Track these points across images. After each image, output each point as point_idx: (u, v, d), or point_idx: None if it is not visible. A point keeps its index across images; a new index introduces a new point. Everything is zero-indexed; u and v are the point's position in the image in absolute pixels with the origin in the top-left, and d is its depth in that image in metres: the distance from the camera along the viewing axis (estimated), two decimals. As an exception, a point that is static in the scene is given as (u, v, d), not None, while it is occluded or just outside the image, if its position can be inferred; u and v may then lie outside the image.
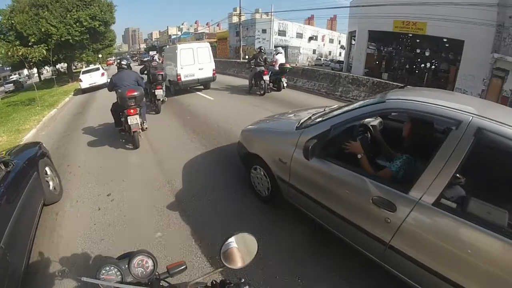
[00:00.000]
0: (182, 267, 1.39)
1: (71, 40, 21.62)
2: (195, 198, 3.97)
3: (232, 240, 1.30)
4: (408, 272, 2.06)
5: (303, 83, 11.94)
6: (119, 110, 6.30)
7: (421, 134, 2.34)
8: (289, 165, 2.94)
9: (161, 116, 8.70)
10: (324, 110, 3.48)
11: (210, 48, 12.38)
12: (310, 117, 3.27)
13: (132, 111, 5.85)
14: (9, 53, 13.76)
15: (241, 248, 1.31)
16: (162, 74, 9.13)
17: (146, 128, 6.77)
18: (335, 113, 2.81)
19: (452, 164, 1.82)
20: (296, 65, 30.73)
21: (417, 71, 28.84)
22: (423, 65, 28.16)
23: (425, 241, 1.91)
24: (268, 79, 10.20)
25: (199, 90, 12.58)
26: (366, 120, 3.14)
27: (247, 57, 37.76)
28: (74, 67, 60.47)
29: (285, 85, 10.66)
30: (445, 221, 1.82)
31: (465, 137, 1.80)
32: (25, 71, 46.30)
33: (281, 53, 11.30)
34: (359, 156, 2.46)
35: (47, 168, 4.24)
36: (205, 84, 12.65)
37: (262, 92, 10.32)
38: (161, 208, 3.79)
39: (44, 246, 3.29)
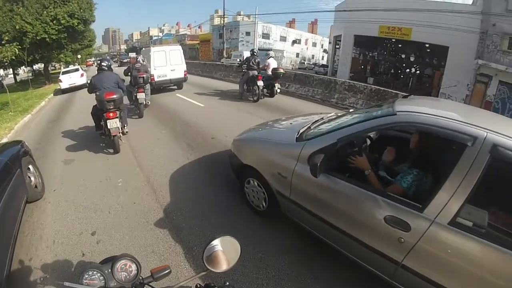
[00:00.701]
0: (167, 271, 1.38)
1: (47, 39, 20.37)
2: (187, 212, 3.74)
3: (217, 243, 1.29)
4: (422, 291, 1.99)
5: (296, 88, 11.83)
6: (99, 113, 6.11)
7: (430, 148, 2.28)
8: (290, 180, 2.78)
9: (144, 121, 8.45)
10: (323, 118, 3.41)
11: (181, 50, 13.44)
12: (309, 127, 3.17)
13: (111, 114, 5.73)
14: None
15: (226, 251, 1.30)
16: (143, 77, 8.81)
17: (126, 132, 6.59)
18: (339, 123, 2.73)
19: (468, 182, 1.77)
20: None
21: (402, 76, 29.47)
22: (408, 70, 28.76)
23: (440, 261, 1.86)
24: (262, 84, 9.90)
25: (173, 90, 13.47)
26: None
27: (225, 55, 38.30)
28: (52, 68, 58.81)
29: (278, 90, 10.43)
30: (462, 241, 1.77)
31: (481, 154, 1.75)
32: (0, 71, 44.22)
33: (273, 57, 11.11)
34: (366, 172, 2.35)
35: (30, 166, 4.28)
36: (177, 84, 13.49)
37: (255, 98, 10.05)
38: (151, 222, 3.58)
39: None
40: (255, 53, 10.53)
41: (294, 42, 52.24)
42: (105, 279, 1.25)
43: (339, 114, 3.40)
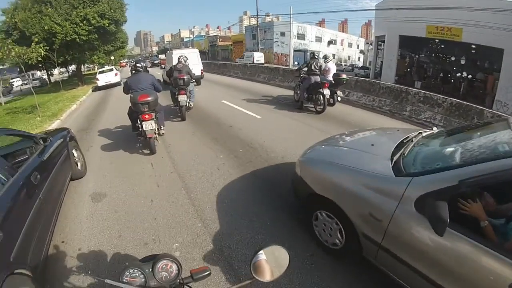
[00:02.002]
0: (206, 273, 1.35)
1: (78, 40, 19.73)
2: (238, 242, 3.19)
3: (262, 252, 1.24)
4: None
5: (358, 97, 10.28)
6: (134, 115, 6.14)
7: None
8: (387, 224, 2.24)
9: (186, 126, 8.20)
10: (411, 140, 2.87)
11: (198, 53, 16.69)
12: (403, 153, 2.61)
13: (146, 116, 5.78)
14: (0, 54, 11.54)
15: (271, 261, 1.24)
16: (183, 78, 8.35)
17: (163, 133, 6.74)
18: (449, 153, 2.32)
19: None
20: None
21: (452, 80, 27.04)
22: (458, 74, 26.37)
23: None
24: (329, 93, 8.47)
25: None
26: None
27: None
28: (88, 69, 60.37)
29: (339, 99, 8.97)
30: None
31: None
32: (38, 73, 45.19)
33: (332, 60, 9.66)
34: (482, 224, 1.85)
35: (74, 151, 5.18)
36: (195, 79, 14.82)
37: (319, 108, 8.67)
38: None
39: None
40: (316, 56, 9.08)
41: (329, 42, 50.25)
42: (146, 277, 1.26)
43: (428, 134, 3.00)
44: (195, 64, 15.28)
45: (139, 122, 5.95)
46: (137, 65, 6.52)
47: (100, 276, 1.66)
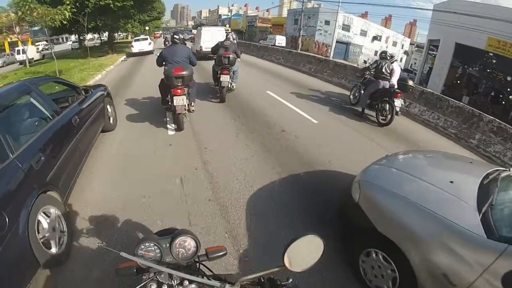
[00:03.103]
0: (222, 252, 1.37)
1: (112, 5, 18.78)
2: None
3: (298, 241, 1.14)
4: None
5: (421, 111, 8.98)
6: (166, 88, 6.00)
7: None
8: None
9: (224, 113, 7.66)
10: (496, 184, 2.40)
11: (224, 31, 17.04)
12: (491, 203, 2.16)
13: (179, 91, 5.61)
14: (20, 13, 10.99)
15: (304, 251, 1.16)
16: (229, 57, 7.86)
17: (193, 110, 6.47)
18: None
19: None
20: (357, 65, 27.58)
21: (503, 102, 25.01)
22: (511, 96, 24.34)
23: None
24: (400, 105, 7.33)
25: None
26: None
27: (300, 43, 35.66)
28: (121, 38, 59.92)
29: (398, 110, 7.50)
30: None
31: None
32: (73, 37, 44.80)
33: (397, 61, 8.40)
34: None
35: (108, 106, 5.93)
36: None
37: (385, 120, 7.47)
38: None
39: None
40: (387, 56, 7.85)
41: (374, 38, 47.72)
42: (162, 252, 1.25)
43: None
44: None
45: (169, 96, 5.77)
46: (175, 36, 6.30)
47: (115, 247, 1.37)
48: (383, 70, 7.57)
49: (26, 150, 2.76)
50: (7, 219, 2.20)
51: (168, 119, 6.63)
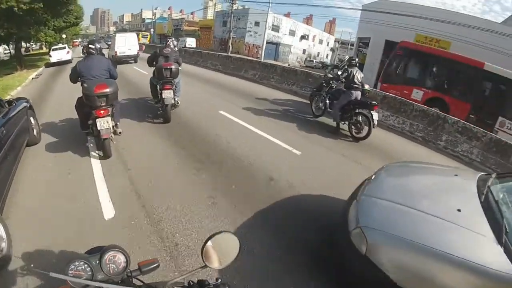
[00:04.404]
0: (155, 265, 1.37)
1: (16, 8, 14.71)
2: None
3: (212, 239, 1.22)
4: None
5: (385, 116, 8.46)
6: (86, 109, 4.95)
7: None
8: None
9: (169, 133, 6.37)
10: (485, 192, 2.63)
11: (136, 36, 21.67)
12: (505, 228, 2.13)
13: (102, 112, 4.73)
14: None
15: (219, 248, 1.22)
16: (171, 68, 6.61)
17: (120, 132, 5.42)
18: None
19: None
20: (288, 65, 27.51)
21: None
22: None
23: None
24: (377, 118, 6.56)
25: (130, 63, 17.80)
26: None
27: (230, 46, 35.06)
28: (37, 48, 53.18)
29: (376, 122, 6.64)
30: None
31: None
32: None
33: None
34: None
35: (31, 118, 5.66)
36: (134, 58, 20.60)
37: (361, 135, 6.69)
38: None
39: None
40: (356, 63, 7.10)
41: (302, 37, 48.77)
42: (92, 270, 1.21)
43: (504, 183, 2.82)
44: (133, 45, 20.71)
45: (91, 118, 4.83)
46: (90, 46, 5.31)
47: (44, 269, 1.11)
48: (355, 80, 6.74)
49: None
50: None
51: (91, 145, 5.56)
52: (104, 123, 4.70)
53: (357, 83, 6.74)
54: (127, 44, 20.19)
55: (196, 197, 3.95)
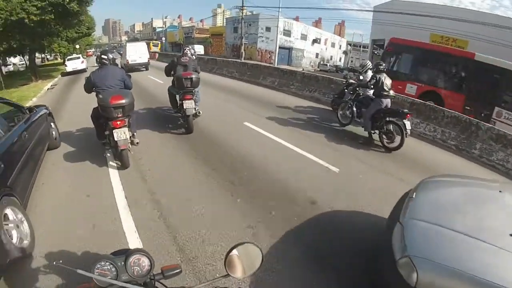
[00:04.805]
0: (177, 271, 1.40)
1: (27, 20, 14.73)
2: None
3: (236, 249, 1.24)
4: None
5: (414, 124, 7.97)
6: (102, 120, 4.98)
7: None
8: None
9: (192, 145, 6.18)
10: None
11: (146, 45, 22.91)
12: None
13: (119, 122, 4.68)
14: None
15: (243, 258, 1.25)
16: (191, 78, 6.38)
17: (137, 143, 5.42)
18: None
19: None
20: (302, 70, 27.14)
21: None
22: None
23: None
24: (410, 124, 6.20)
25: (141, 71, 19.00)
26: None
27: (242, 51, 34.92)
28: (52, 58, 54.05)
29: (409, 131, 6.25)
30: None
31: None
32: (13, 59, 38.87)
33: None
34: None
35: (51, 124, 6.09)
36: (145, 66, 21.86)
37: (393, 143, 6.32)
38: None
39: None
40: (384, 68, 6.73)
41: (314, 41, 48.42)
42: (117, 271, 1.25)
43: None
44: (144, 54, 21.76)
45: (108, 129, 4.85)
46: (103, 56, 5.27)
47: (71, 265, 1.16)
48: (385, 87, 6.41)
49: None
50: None
51: (109, 154, 5.49)
52: (121, 134, 4.69)
53: (387, 90, 6.43)
54: (137, 52, 21.40)
55: (235, 227, 3.56)
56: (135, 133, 5.47)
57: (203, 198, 4.19)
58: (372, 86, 6.64)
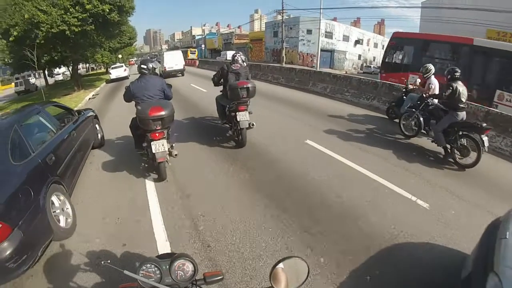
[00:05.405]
0: (219, 277, 1.44)
1: (68, 32, 15.24)
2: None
3: (282, 262, 1.22)
4: None
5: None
6: (140, 131, 4.87)
7: None
8: None
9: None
10: None
11: (181, 54, 25.79)
12: None
13: (157, 134, 4.58)
14: None
15: (288, 272, 1.22)
16: (248, 88, 5.88)
17: (176, 154, 5.08)
18: None
19: None
20: (346, 72, 26.22)
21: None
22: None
23: None
24: (487, 141, 5.43)
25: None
26: None
27: (284, 56, 34.23)
28: (93, 69, 56.67)
29: (486, 148, 5.49)
30: None
31: None
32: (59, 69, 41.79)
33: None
34: None
35: (96, 125, 7.06)
36: (180, 72, 24.56)
37: (469, 161, 5.56)
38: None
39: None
40: (459, 76, 5.80)
41: (356, 42, 46.99)
42: (161, 274, 1.31)
43: None
44: (180, 61, 24.51)
45: (146, 140, 4.84)
46: (142, 66, 5.17)
47: (118, 266, 1.30)
48: (462, 98, 5.72)
49: (42, 151, 3.86)
50: (32, 193, 3.14)
51: (147, 165, 5.58)
52: (159, 146, 4.61)
53: (464, 101, 5.77)
54: (174, 60, 24.25)
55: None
56: (173, 145, 5.34)
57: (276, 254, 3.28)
58: (446, 98, 5.87)
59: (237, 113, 5.99)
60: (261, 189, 4.77)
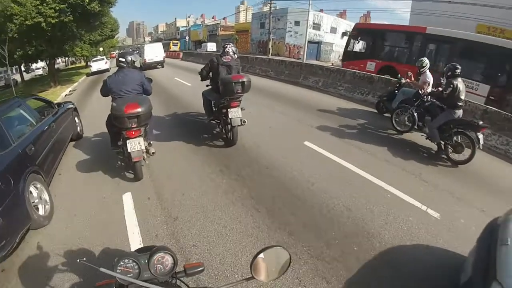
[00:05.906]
0: (200, 269, 1.40)
1: (43, 24, 14.10)
2: None
3: (263, 252, 1.21)
4: None
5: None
6: (115, 128, 4.55)
7: None
8: None
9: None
10: None
11: (162, 46, 26.29)
12: None
13: (133, 132, 4.34)
14: None
15: (269, 262, 1.22)
16: (243, 82, 5.35)
17: (153, 153, 4.87)
18: None
19: None
20: (332, 64, 26.07)
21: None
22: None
23: None
24: (483, 139, 5.42)
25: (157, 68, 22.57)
26: None
27: (270, 47, 33.69)
28: (73, 62, 54.69)
29: (481, 146, 5.42)
30: None
31: None
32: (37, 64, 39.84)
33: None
34: None
35: (75, 118, 7.19)
36: (160, 63, 25.37)
37: (462, 157, 5.53)
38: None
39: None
40: (460, 72, 5.62)
41: (344, 34, 46.60)
42: (140, 269, 1.28)
43: None
44: (160, 53, 25.20)
45: (121, 138, 4.58)
46: (120, 59, 4.95)
47: (94, 263, 1.22)
48: (461, 96, 5.60)
49: (22, 142, 4.01)
50: (12, 181, 3.26)
51: (123, 164, 5.34)
52: (135, 145, 4.38)
53: (462, 100, 5.67)
54: (154, 52, 25.04)
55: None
56: (151, 143, 5.12)
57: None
58: (446, 95, 5.67)
59: (229, 109, 5.55)
60: (261, 202, 4.28)
